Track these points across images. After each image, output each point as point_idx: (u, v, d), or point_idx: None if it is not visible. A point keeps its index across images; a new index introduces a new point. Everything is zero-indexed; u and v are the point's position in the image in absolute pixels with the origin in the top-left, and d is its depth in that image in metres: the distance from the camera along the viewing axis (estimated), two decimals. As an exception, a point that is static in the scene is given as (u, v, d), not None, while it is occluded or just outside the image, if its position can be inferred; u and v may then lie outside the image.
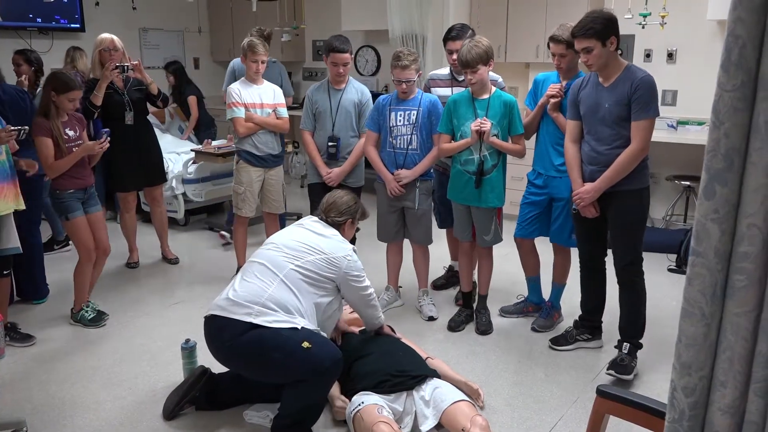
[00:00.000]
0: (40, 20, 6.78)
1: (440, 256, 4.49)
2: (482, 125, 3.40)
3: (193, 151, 5.76)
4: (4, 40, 6.46)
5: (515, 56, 6.02)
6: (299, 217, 4.11)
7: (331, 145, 3.93)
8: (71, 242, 5.32)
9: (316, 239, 2.84)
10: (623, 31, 3.16)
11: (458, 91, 3.78)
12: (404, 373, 2.78)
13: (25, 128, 3.33)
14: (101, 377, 3.25)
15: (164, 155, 5.17)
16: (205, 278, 4.64)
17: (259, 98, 4.22)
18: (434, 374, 2.86)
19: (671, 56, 5.58)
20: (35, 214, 3.89)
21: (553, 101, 3.42)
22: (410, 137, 3.73)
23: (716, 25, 5.29)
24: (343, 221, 2.98)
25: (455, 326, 3.77)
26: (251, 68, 4.18)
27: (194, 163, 5.74)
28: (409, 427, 2.71)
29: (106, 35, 4.42)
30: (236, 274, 3.47)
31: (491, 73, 3.70)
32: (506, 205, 3.74)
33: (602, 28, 2.91)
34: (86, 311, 3.87)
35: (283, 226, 4.19)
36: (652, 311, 3.23)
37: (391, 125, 3.76)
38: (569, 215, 3.46)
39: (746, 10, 0.95)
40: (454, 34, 3.82)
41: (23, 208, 3.43)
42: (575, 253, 3.77)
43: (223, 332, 2.67)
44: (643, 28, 4.66)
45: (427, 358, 3.06)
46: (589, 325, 3.50)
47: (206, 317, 2.76)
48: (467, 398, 2.75)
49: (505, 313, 3.95)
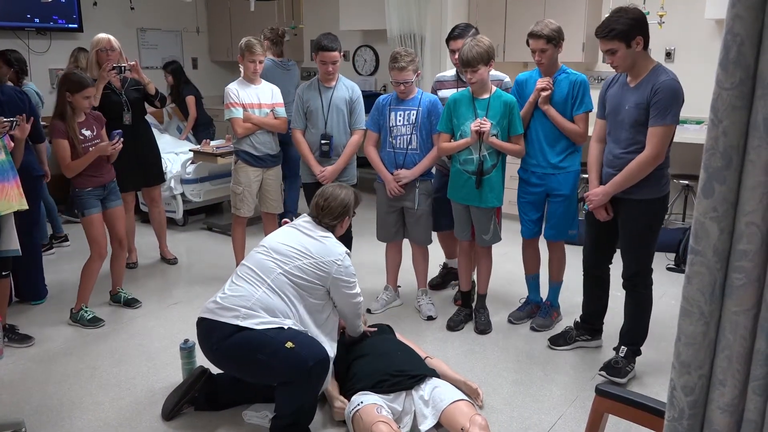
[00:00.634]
0: (37, 20, 6.77)
1: (439, 256, 4.48)
2: (482, 125, 3.39)
3: (191, 151, 5.75)
4: (2, 40, 6.45)
5: (513, 55, 6.02)
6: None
7: (324, 143, 3.93)
8: (67, 241, 5.34)
9: (306, 242, 2.81)
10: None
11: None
12: (403, 372, 2.78)
13: (16, 120, 3.38)
14: (100, 378, 3.24)
15: (162, 155, 5.16)
16: (203, 278, 4.64)
17: (257, 98, 4.22)
18: (433, 374, 2.86)
19: (669, 55, 5.58)
20: (34, 215, 3.88)
21: (544, 94, 3.38)
22: (410, 137, 3.73)
23: (714, 24, 5.29)
24: (339, 222, 2.95)
25: (454, 326, 3.77)
26: (249, 68, 4.18)
27: (193, 163, 5.73)
28: (408, 426, 2.71)
29: (102, 35, 4.41)
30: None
31: (497, 72, 3.70)
32: (505, 204, 3.74)
33: (626, 28, 2.75)
34: (85, 311, 3.87)
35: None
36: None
37: (390, 125, 3.75)
38: (565, 212, 3.45)
39: (744, 7, 0.94)
40: (456, 33, 3.80)
41: (26, 207, 3.43)
42: (570, 249, 3.77)
43: (211, 335, 2.68)
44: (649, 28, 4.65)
45: (426, 357, 3.07)
46: (589, 328, 3.47)
47: (197, 320, 2.77)
48: (466, 398, 2.75)
49: (515, 320, 3.86)
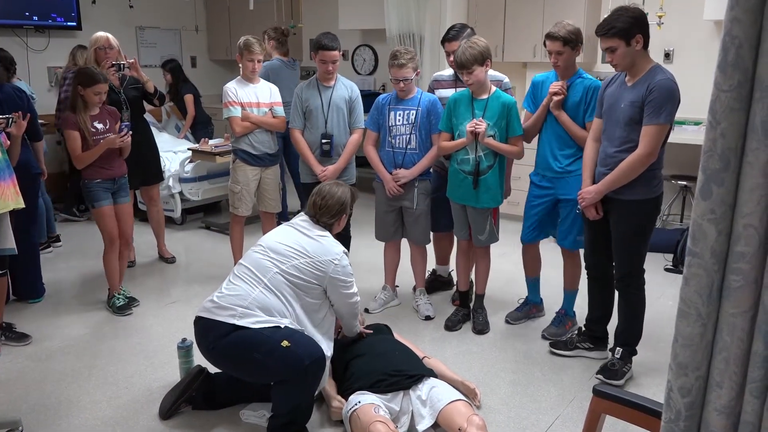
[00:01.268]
0: (36, 18, 6.76)
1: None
2: (477, 126, 3.38)
3: (190, 150, 5.75)
4: (0, 38, 6.44)
5: (512, 56, 6.02)
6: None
7: (324, 142, 3.92)
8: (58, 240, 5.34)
9: (303, 241, 2.80)
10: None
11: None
12: (401, 372, 2.78)
13: (12, 116, 3.40)
14: (97, 376, 3.24)
15: (161, 154, 5.15)
16: (201, 277, 4.63)
17: (255, 97, 4.22)
18: (431, 374, 2.86)
19: (668, 56, 5.59)
20: (31, 213, 3.88)
21: (556, 99, 3.34)
22: (409, 137, 3.73)
23: (713, 25, 5.30)
24: (336, 220, 2.95)
25: (452, 325, 3.77)
26: (247, 67, 4.17)
27: (191, 162, 5.73)
28: (405, 426, 2.71)
29: (101, 33, 4.41)
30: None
31: (496, 73, 3.68)
32: (504, 204, 3.73)
33: (626, 26, 2.77)
34: (117, 298, 3.99)
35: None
36: (648, 311, 3.22)
37: (390, 125, 3.75)
38: (576, 218, 3.39)
39: (743, 10, 0.95)
40: (452, 34, 3.79)
41: (23, 206, 3.42)
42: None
43: (208, 334, 2.69)
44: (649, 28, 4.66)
45: (423, 357, 3.07)
46: (590, 334, 3.42)
47: (195, 319, 2.77)
48: (464, 398, 2.75)
49: (512, 320, 3.86)
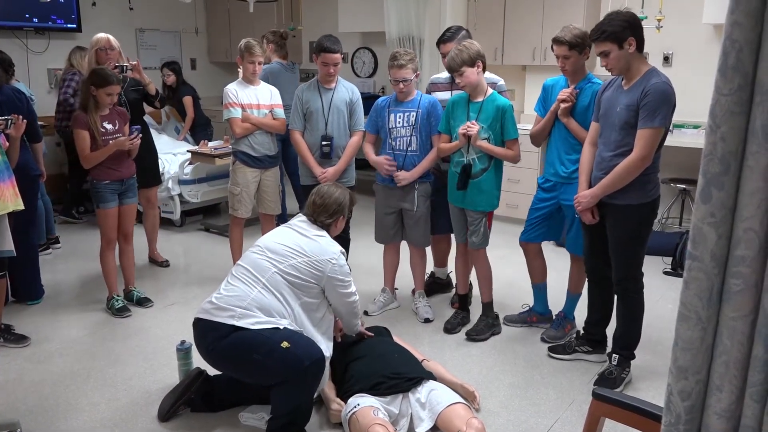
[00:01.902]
0: (36, 20, 6.77)
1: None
2: (469, 129, 3.39)
3: (189, 152, 5.75)
4: (0, 40, 6.44)
5: (512, 59, 6.03)
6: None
7: (324, 144, 3.92)
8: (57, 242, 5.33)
9: (300, 241, 2.81)
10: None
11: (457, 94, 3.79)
12: (400, 375, 2.78)
13: (11, 118, 3.41)
14: (96, 378, 3.23)
15: (160, 156, 5.15)
16: (200, 280, 4.63)
17: (256, 99, 4.22)
18: (430, 376, 2.86)
19: (667, 59, 5.60)
20: (30, 214, 3.88)
21: (563, 106, 3.32)
22: (409, 139, 3.73)
23: (712, 28, 5.31)
24: (333, 221, 2.94)
25: (451, 328, 3.76)
26: (248, 69, 4.18)
27: (190, 164, 5.72)
28: (404, 429, 2.71)
29: (102, 35, 4.41)
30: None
31: (492, 75, 3.69)
32: (504, 207, 3.72)
33: (618, 29, 2.80)
34: (116, 300, 4.00)
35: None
36: (647, 314, 3.21)
37: (390, 127, 3.76)
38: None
39: (743, 14, 0.95)
40: (447, 36, 3.81)
41: (22, 208, 3.42)
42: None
43: (207, 335, 2.69)
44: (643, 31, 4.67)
45: (422, 360, 3.06)
46: (589, 338, 3.42)
47: (194, 320, 2.77)
48: (463, 401, 2.75)
49: (509, 322, 3.87)
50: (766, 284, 1.00)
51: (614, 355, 3.17)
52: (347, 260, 4.20)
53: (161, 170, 5.27)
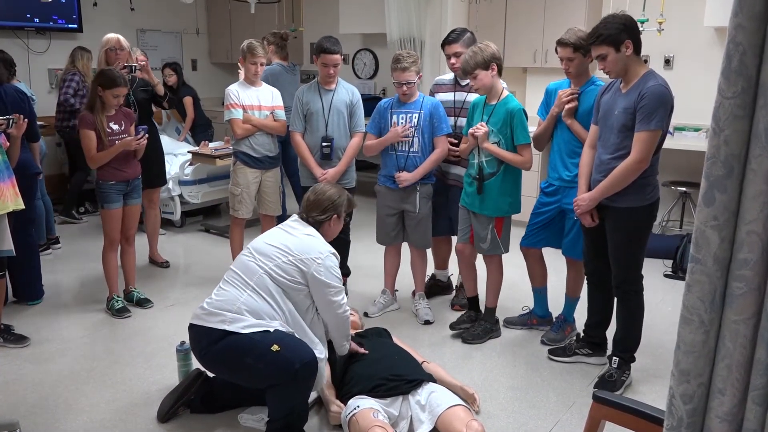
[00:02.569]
0: (37, 20, 6.77)
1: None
2: (476, 130, 3.39)
3: (190, 152, 5.75)
4: (1, 40, 6.44)
5: (513, 61, 6.02)
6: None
7: (325, 145, 3.92)
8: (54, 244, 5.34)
9: (287, 240, 2.76)
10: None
11: (460, 95, 3.79)
12: (400, 377, 2.77)
13: (12, 117, 3.41)
14: (96, 379, 3.23)
15: (161, 156, 5.14)
16: (200, 280, 4.63)
17: (257, 100, 4.22)
18: (430, 378, 2.85)
19: (668, 62, 5.60)
20: (30, 214, 3.88)
21: (568, 107, 3.31)
22: (411, 140, 3.73)
23: (713, 31, 5.31)
24: (326, 218, 2.87)
25: (456, 325, 3.74)
26: (250, 70, 4.18)
27: (191, 164, 5.72)
28: (404, 431, 2.70)
29: (112, 35, 4.44)
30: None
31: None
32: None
33: (615, 32, 2.80)
34: (116, 300, 4.00)
35: None
36: (647, 317, 3.21)
37: (392, 127, 3.75)
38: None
39: (747, 17, 0.95)
40: (452, 37, 3.80)
41: (22, 207, 3.42)
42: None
43: (200, 341, 2.68)
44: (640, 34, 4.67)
45: (422, 362, 3.06)
46: (589, 340, 3.41)
47: (188, 326, 2.76)
48: (463, 403, 2.74)
49: (509, 324, 3.86)
50: (768, 287, 1.00)
51: (614, 357, 3.16)
52: (347, 262, 4.27)
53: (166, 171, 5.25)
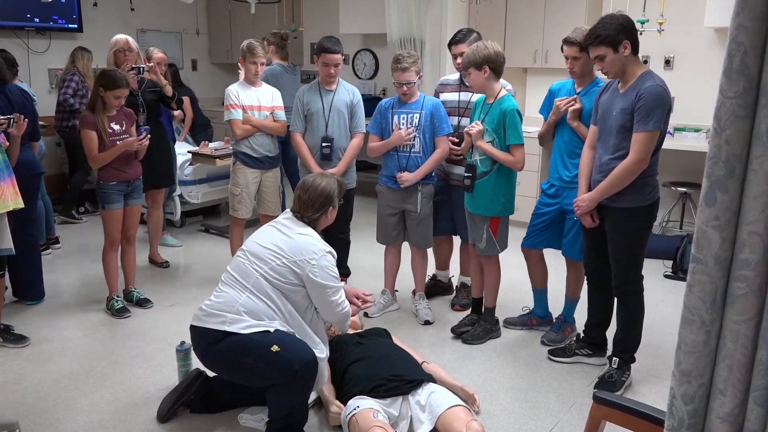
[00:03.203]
0: (37, 20, 6.77)
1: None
2: (470, 128, 3.39)
3: (189, 152, 5.74)
4: (2, 39, 6.44)
5: (513, 61, 6.00)
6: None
7: (325, 145, 3.92)
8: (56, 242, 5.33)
9: (280, 240, 2.73)
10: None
11: (465, 95, 3.79)
12: (400, 377, 2.77)
13: (13, 117, 3.42)
14: (95, 379, 3.23)
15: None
16: (200, 280, 4.62)
17: (257, 100, 4.22)
18: (430, 379, 2.85)
19: (668, 63, 5.60)
20: (31, 213, 3.88)
21: (572, 109, 3.31)
22: (413, 140, 3.73)
23: (714, 32, 5.31)
24: (321, 214, 2.83)
25: (457, 328, 3.74)
26: (250, 70, 4.17)
27: (191, 164, 5.72)
28: (404, 431, 2.70)
29: (120, 36, 4.46)
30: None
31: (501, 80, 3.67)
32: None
33: (613, 33, 2.80)
34: (116, 300, 4.00)
35: None
36: (647, 317, 3.20)
37: (393, 128, 3.75)
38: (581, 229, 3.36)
39: (749, 17, 0.95)
40: (458, 37, 3.81)
41: (22, 206, 3.42)
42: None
43: (200, 341, 2.69)
44: (640, 34, 4.66)
45: (422, 362, 3.06)
46: (589, 341, 3.41)
47: (189, 327, 2.76)
48: (463, 403, 2.74)
49: (509, 324, 3.86)
50: (770, 288, 1.00)
51: (614, 358, 3.16)
52: (347, 262, 4.26)
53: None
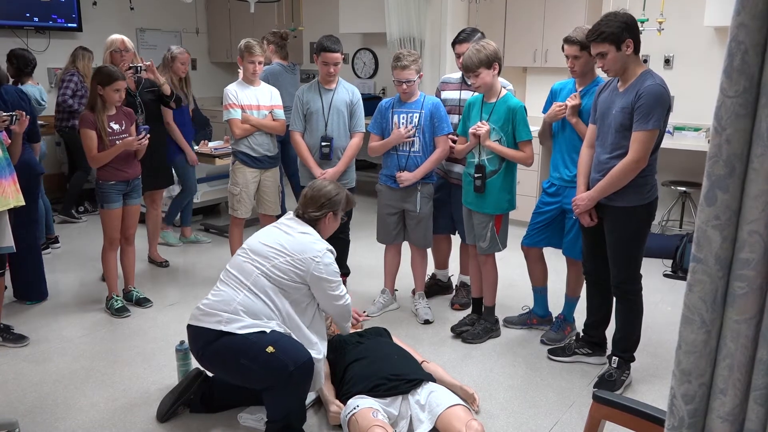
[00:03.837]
0: (36, 19, 6.77)
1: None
2: (477, 129, 3.39)
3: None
4: (1, 39, 6.44)
5: (513, 61, 6.02)
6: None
7: (324, 145, 3.92)
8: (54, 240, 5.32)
9: (283, 240, 2.74)
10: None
11: (467, 94, 3.79)
12: (399, 377, 2.77)
13: (16, 114, 3.43)
14: (95, 379, 3.23)
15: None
16: (199, 280, 4.62)
17: (256, 100, 4.21)
18: (429, 378, 2.85)
19: (668, 62, 5.60)
20: (33, 213, 3.88)
21: (571, 105, 3.31)
22: (412, 139, 3.72)
23: (713, 31, 5.31)
24: (321, 215, 2.85)
25: (457, 328, 3.74)
26: (248, 69, 4.17)
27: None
28: (404, 431, 2.70)
29: (116, 36, 4.45)
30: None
31: (500, 79, 3.67)
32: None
33: (616, 30, 2.79)
34: (116, 300, 4.00)
35: None
36: (646, 317, 3.21)
37: (393, 128, 3.75)
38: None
39: (749, 16, 0.94)
40: (462, 37, 3.81)
41: (23, 204, 3.42)
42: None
43: (197, 341, 2.69)
44: (640, 33, 4.67)
45: (422, 361, 3.06)
46: (588, 340, 3.41)
47: (186, 326, 2.76)
48: (462, 402, 2.74)
49: (508, 324, 3.86)
50: (770, 287, 1.00)
51: (614, 357, 3.17)
52: (347, 261, 4.26)
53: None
